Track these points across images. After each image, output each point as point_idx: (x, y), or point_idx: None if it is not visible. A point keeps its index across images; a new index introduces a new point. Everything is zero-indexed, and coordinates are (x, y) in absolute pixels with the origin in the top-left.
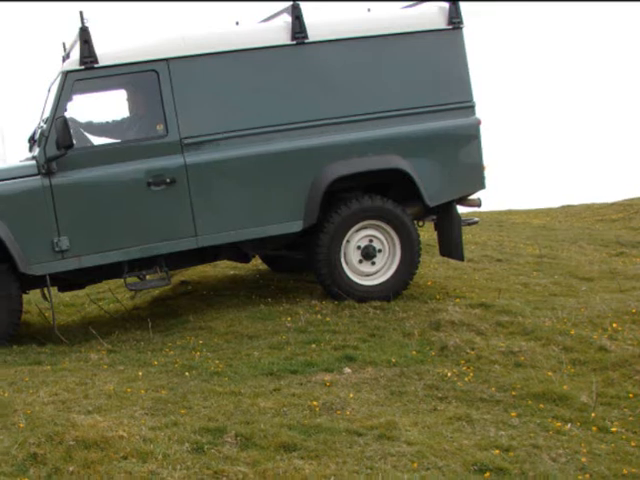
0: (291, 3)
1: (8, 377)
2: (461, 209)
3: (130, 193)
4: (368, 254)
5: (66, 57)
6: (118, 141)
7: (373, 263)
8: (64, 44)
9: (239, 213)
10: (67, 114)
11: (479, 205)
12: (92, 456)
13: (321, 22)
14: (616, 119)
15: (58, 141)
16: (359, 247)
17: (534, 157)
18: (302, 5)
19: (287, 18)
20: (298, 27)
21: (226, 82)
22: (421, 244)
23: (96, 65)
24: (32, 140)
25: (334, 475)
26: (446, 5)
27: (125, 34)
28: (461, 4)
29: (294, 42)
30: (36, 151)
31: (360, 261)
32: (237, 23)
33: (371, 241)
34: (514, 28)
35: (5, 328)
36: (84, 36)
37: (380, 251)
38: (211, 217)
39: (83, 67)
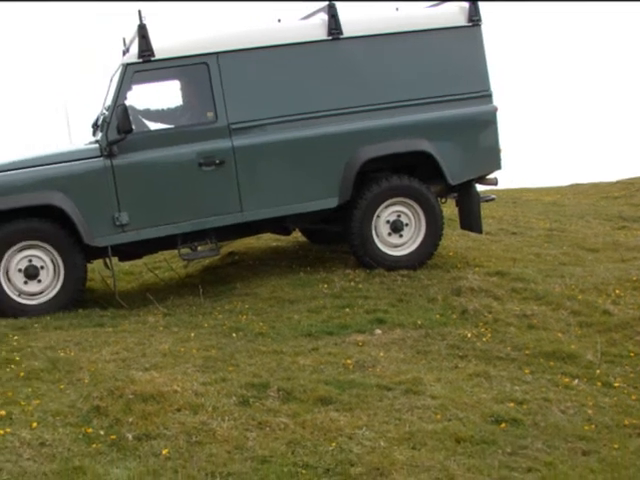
0: (327, 3)
1: (74, 338)
2: (480, 187)
3: (183, 173)
4: (396, 227)
5: (126, 51)
6: (172, 126)
7: (401, 236)
8: (124, 39)
9: (281, 191)
10: (127, 102)
11: (496, 184)
12: (149, 408)
13: (354, 20)
14: (620, 105)
15: (119, 126)
16: (388, 221)
17: (546, 140)
18: (337, 5)
19: (324, 16)
20: (334, 24)
21: (269, 73)
22: (444, 219)
23: (153, 58)
24: (95, 126)
25: (366, 425)
26: (466, 5)
27: (178, 30)
28: (480, 3)
29: (330, 38)
30: (99, 135)
31: (389, 234)
32: (279, 20)
33: (399, 216)
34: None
35: (71, 294)
36: (142, 32)
37: (407, 225)
38: (255, 194)
39: (141, 60)
